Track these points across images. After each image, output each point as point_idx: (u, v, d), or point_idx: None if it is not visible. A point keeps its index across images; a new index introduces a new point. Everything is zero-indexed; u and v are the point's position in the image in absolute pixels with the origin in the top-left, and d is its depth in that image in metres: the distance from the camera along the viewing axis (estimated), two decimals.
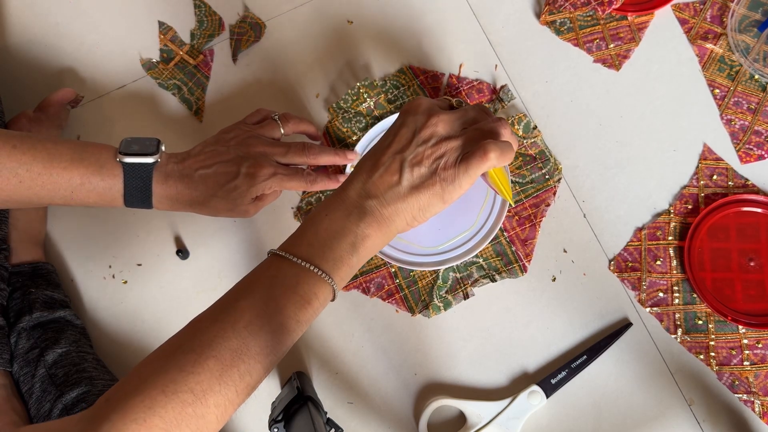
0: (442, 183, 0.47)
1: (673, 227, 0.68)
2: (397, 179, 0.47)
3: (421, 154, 0.48)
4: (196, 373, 0.40)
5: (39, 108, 0.71)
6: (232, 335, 0.42)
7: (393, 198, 0.47)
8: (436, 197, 0.47)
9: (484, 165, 0.47)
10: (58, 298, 0.67)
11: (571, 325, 0.67)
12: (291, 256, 0.45)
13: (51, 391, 0.61)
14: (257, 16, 0.76)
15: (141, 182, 0.56)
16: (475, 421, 0.63)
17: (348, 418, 0.66)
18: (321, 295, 0.46)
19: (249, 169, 0.59)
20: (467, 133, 0.49)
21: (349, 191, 0.48)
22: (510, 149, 0.48)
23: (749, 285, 0.66)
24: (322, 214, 0.48)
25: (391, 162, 0.48)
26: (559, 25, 0.73)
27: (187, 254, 0.70)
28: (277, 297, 0.44)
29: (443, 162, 0.47)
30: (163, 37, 0.76)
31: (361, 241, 0.47)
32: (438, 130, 0.49)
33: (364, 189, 0.48)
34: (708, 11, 0.72)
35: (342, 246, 0.46)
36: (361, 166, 0.49)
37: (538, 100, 0.72)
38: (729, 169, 0.68)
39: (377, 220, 0.47)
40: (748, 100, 0.70)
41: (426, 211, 0.48)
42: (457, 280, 0.68)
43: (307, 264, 0.45)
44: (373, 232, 0.47)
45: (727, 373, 0.64)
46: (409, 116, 0.50)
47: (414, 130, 0.49)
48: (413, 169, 0.47)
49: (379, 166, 0.48)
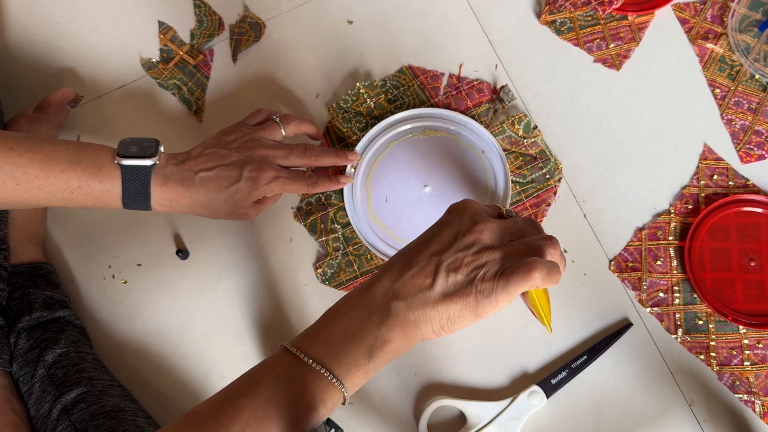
0: (478, 295, 0.43)
1: (673, 227, 0.68)
2: (430, 283, 0.44)
3: (461, 260, 0.44)
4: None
5: (38, 108, 0.71)
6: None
7: (422, 302, 0.43)
8: (468, 309, 0.44)
9: (526, 284, 0.43)
10: (57, 298, 0.66)
11: (571, 325, 0.66)
12: (302, 355, 0.42)
13: (50, 392, 0.61)
14: (257, 15, 0.76)
15: (139, 185, 0.55)
16: (475, 421, 0.63)
17: (348, 418, 0.66)
18: (329, 401, 0.43)
19: (251, 172, 0.58)
20: (513, 246, 0.45)
21: (375, 288, 0.45)
22: (557, 271, 0.44)
23: (750, 285, 0.65)
24: (343, 311, 0.44)
25: (427, 263, 0.44)
26: (559, 24, 0.73)
27: (187, 254, 0.70)
28: (280, 400, 0.41)
29: (482, 273, 0.44)
30: (162, 36, 0.76)
31: (380, 346, 0.43)
32: (483, 237, 0.45)
33: (392, 288, 0.44)
34: (708, 11, 0.72)
35: (359, 349, 0.43)
36: (394, 263, 0.46)
37: (538, 99, 0.72)
38: (729, 169, 0.68)
39: (401, 324, 0.43)
40: (749, 99, 0.70)
41: (455, 322, 0.44)
42: None
43: (318, 366, 0.42)
44: (395, 337, 0.44)
45: (727, 373, 0.64)
46: (455, 217, 0.47)
47: (457, 233, 0.45)
48: (449, 274, 0.44)
49: (413, 266, 0.44)
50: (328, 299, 0.68)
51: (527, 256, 0.44)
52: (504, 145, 0.70)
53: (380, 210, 0.69)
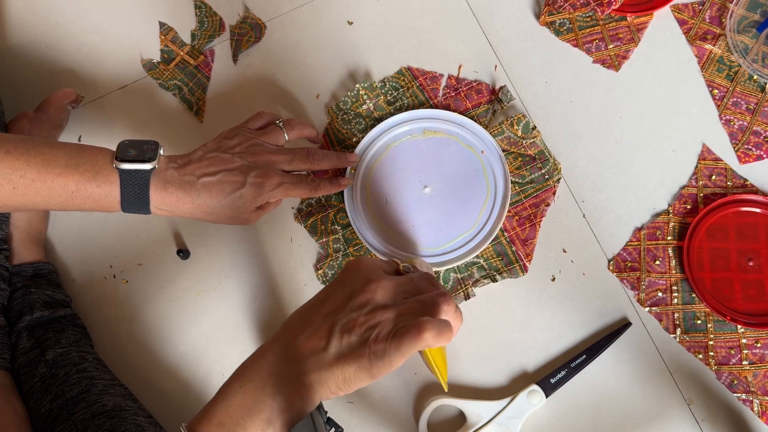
0: (371, 356, 0.42)
1: (672, 227, 0.68)
2: (325, 344, 0.43)
3: (354, 320, 0.43)
4: None
5: (39, 108, 0.71)
6: None
7: (317, 365, 0.43)
8: (362, 371, 0.42)
9: (417, 344, 0.42)
10: (58, 298, 0.67)
11: (570, 324, 0.67)
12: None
13: (51, 391, 0.61)
14: (257, 16, 0.76)
15: (138, 189, 0.54)
16: (474, 420, 0.64)
17: (348, 417, 0.66)
18: None
19: (255, 178, 0.57)
20: (406, 305, 0.44)
21: (267, 355, 0.44)
22: (449, 330, 0.42)
23: (748, 285, 0.66)
24: (236, 385, 0.43)
25: (321, 324, 0.44)
26: (558, 25, 0.73)
27: (187, 254, 0.70)
28: None
29: (375, 333, 0.42)
30: (163, 37, 0.76)
31: (278, 416, 0.42)
32: (376, 296, 0.44)
33: (285, 352, 0.44)
34: (707, 12, 0.72)
35: (256, 424, 0.42)
36: (288, 324, 0.45)
37: (537, 100, 0.72)
38: (728, 170, 0.69)
39: (297, 390, 0.43)
40: (747, 100, 0.70)
41: (351, 383, 0.43)
42: (458, 280, 0.68)
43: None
44: (292, 405, 0.43)
45: (725, 372, 0.65)
46: (349, 276, 0.46)
47: (351, 293, 0.45)
48: (343, 336, 0.43)
49: (307, 327, 0.44)
50: None
51: (420, 315, 0.43)
52: (503, 145, 0.70)
53: (380, 211, 0.69)
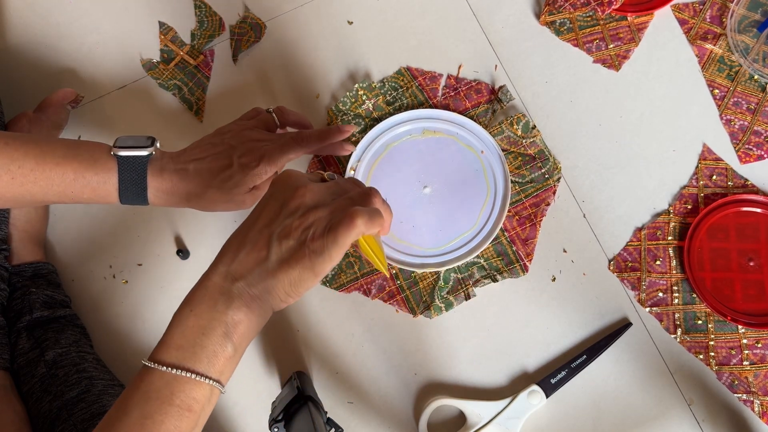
0: (312, 255, 0.44)
1: (672, 227, 0.68)
2: (265, 255, 0.44)
3: (289, 225, 0.45)
4: None
5: (39, 108, 0.71)
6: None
7: (261, 276, 0.44)
8: (306, 270, 0.44)
9: (351, 232, 0.44)
10: (58, 298, 0.67)
11: (570, 324, 0.67)
12: (159, 366, 0.42)
13: (51, 391, 0.61)
14: (257, 16, 0.76)
15: (136, 175, 0.55)
16: (475, 420, 0.63)
17: (348, 418, 0.66)
18: (202, 398, 0.43)
19: (241, 159, 0.58)
20: (336, 202, 0.47)
21: (213, 277, 0.45)
22: (378, 215, 0.45)
23: (749, 285, 0.66)
24: (187, 309, 0.44)
25: (259, 237, 0.45)
26: (558, 25, 0.73)
27: (187, 254, 0.70)
28: (152, 413, 0.41)
29: (311, 233, 0.44)
30: (163, 37, 0.76)
31: (233, 329, 0.44)
32: (305, 200, 0.46)
33: (229, 271, 0.45)
34: (707, 12, 0.72)
35: (213, 339, 0.43)
36: (227, 247, 0.46)
37: (537, 100, 0.72)
38: (728, 169, 0.69)
39: (246, 303, 0.44)
40: (748, 100, 0.70)
41: (298, 286, 0.45)
42: (459, 280, 0.68)
43: (177, 371, 0.42)
44: (245, 317, 0.44)
45: (726, 372, 0.64)
46: (277, 188, 0.47)
47: (282, 202, 0.46)
48: (281, 242, 0.44)
49: (246, 244, 0.45)
50: (328, 299, 0.69)
51: (350, 208, 0.45)
52: (503, 145, 0.70)
53: None
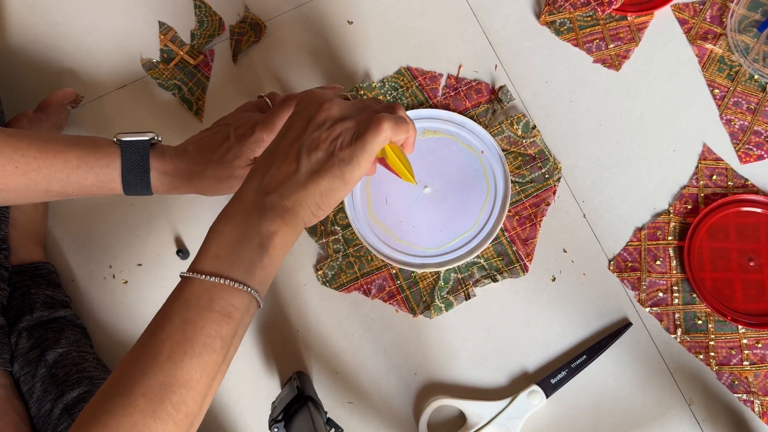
0: (341, 164, 0.46)
1: (672, 227, 0.68)
2: (295, 167, 0.46)
3: (318, 138, 0.47)
4: (127, 415, 0.39)
5: (39, 108, 0.71)
6: (156, 369, 0.40)
7: (292, 188, 0.46)
8: (336, 180, 0.46)
9: (379, 137, 0.46)
10: (58, 298, 0.67)
11: (570, 324, 0.67)
12: (198, 275, 0.43)
13: (52, 391, 0.61)
14: (257, 16, 0.76)
15: (138, 156, 0.56)
16: (475, 420, 0.63)
17: (348, 418, 0.66)
18: (241, 305, 0.44)
19: (237, 130, 0.59)
20: (361, 114, 0.48)
21: (246, 192, 0.46)
22: (404, 122, 0.48)
23: (749, 285, 0.66)
24: (222, 222, 0.46)
25: (288, 151, 0.47)
26: (558, 25, 0.73)
27: (187, 254, 0.70)
28: (193, 319, 0.42)
29: (339, 142, 0.46)
30: (163, 37, 0.76)
31: (268, 240, 0.45)
32: (332, 113, 0.48)
33: (261, 185, 0.46)
34: (707, 11, 0.72)
35: (250, 250, 0.44)
36: (259, 164, 0.48)
37: (537, 100, 0.72)
38: (729, 169, 0.68)
39: (280, 215, 0.45)
40: (748, 100, 0.70)
41: (329, 196, 0.46)
42: (459, 280, 0.68)
43: (216, 278, 0.43)
44: (279, 228, 0.45)
45: (726, 372, 0.64)
46: (303, 105, 0.49)
47: (308, 117, 0.48)
48: (311, 154, 0.46)
49: (276, 158, 0.47)
50: (328, 299, 0.69)
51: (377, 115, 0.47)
52: (503, 145, 0.70)
53: (380, 211, 0.69)
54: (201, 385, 0.41)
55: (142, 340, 0.43)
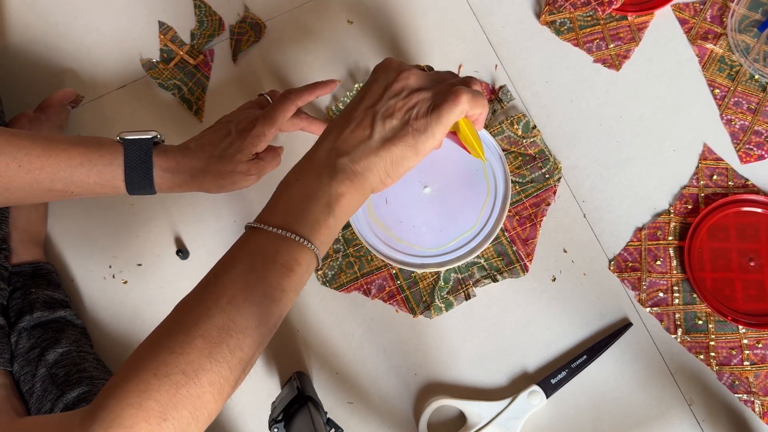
0: (415, 133, 0.46)
1: (673, 227, 0.68)
2: (369, 133, 0.47)
3: (393, 106, 0.47)
4: (185, 353, 0.40)
5: (39, 108, 0.71)
6: (216, 312, 0.41)
7: (364, 152, 0.46)
8: (408, 149, 0.47)
9: (455, 109, 0.47)
10: (58, 298, 0.67)
11: (570, 325, 0.67)
12: (266, 226, 0.44)
13: (52, 391, 0.61)
14: (257, 16, 0.76)
15: (141, 153, 0.56)
16: (475, 421, 0.63)
17: (348, 418, 0.66)
18: (303, 261, 0.45)
19: (239, 125, 0.60)
20: (438, 87, 0.49)
21: (319, 152, 0.47)
22: (481, 96, 0.48)
23: (749, 285, 0.66)
24: (293, 179, 0.47)
25: (363, 117, 0.47)
26: (559, 25, 0.73)
27: (187, 254, 0.70)
28: (257, 268, 0.43)
29: (415, 112, 0.47)
30: (163, 37, 0.76)
31: (335, 201, 0.46)
32: (409, 82, 0.48)
33: (334, 147, 0.47)
34: (708, 11, 0.72)
35: (317, 208, 0.45)
36: (333, 126, 0.48)
37: (537, 100, 0.72)
38: (729, 169, 0.68)
39: (349, 177, 0.46)
40: (748, 100, 0.70)
41: (399, 165, 0.47)
42: (459, 280, 0.68)
43: (283, 231, 0.44)
44: (347, 190, 0.46)
45: (727, 373, 0.64)
46: (380, 73, 0.50)
47: (385, 85, 0.48)
48: (385, 121, 0.47)
49: (351, 122, 0.47)
50: (328, 299, 0.68)
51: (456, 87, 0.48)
52: (503, 145, 0.70)
53: (380, 211, 0.69)
54: (258, 332, 0.42)
55: (203, 283, 0.44)
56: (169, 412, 0.38)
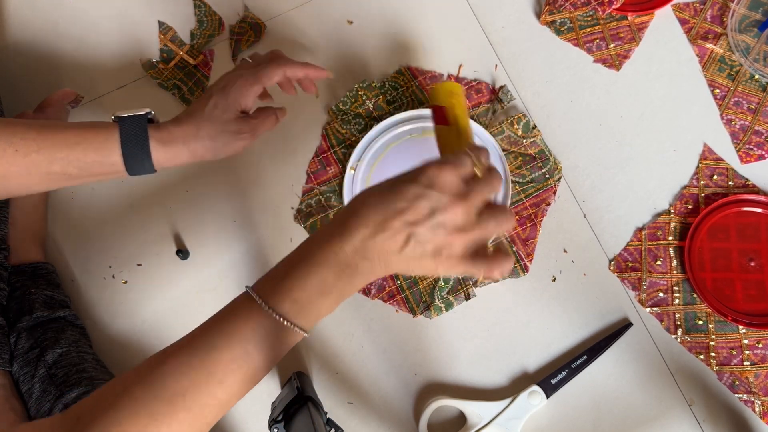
0: (439, 265, 0.47)
1: (673, 227, 0.68)
2: (400, 248, 0.46)
3: (432, 238, 0.46)
4: (166, 423, 0.42)
5: (39, 108, 0.71)
6: (205, 390, 0.44)
7: (386, 263, 0.47)
8: (427, 270, 0.48)
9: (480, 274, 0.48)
10: (58, 298, 0.67)
11: (571, 325, 0.67)
12: (274, 314, 0.45)
13: (51, 391, 0.61)
14: (257, 16, 0.76)
15: (137, 128, 0.57)
16: (475, 421, 0.63)
17: (348, 418, 0.66)
18: (293, 342, 0.47)
19: (219, 84, 0.60)
20: (477, 229, 0.48)
21: (346, 247, 0.46)
22: (509, 259, 0.49)
23: (749, 285, 0.66)
24: (315, 266, 0.46)
25: (400, 230, 0.46)
26: (559, 25, 0.73)
27: (187, 254, 0.70)
28: (253, 353, 0.45)
29: (448, 251, 0.47)
30: (163, 37, 0.76)
31: (344, 297, 0.47)
32: (457, 219, 0.47)
33: (363, 247, 0.46)
34: (708, 11, 0.72)
35: (325, 304, 0.46)
36: (366, 217, 0.46)
37: (538, 100, 0.72)
38: (729, 169, 0.68)
39: (366, 280, 0.47)
40: (749, 100, 0.70)
41: (411, 272, 0.48)
42: (459, 280, 0.68)
43: (288, 323, 0.45)
44: (355, 289, 0.48)
45: (727, 373, 0.64)
46: (434, 189, 0.47)
47: (433, 209, 0.46)
48: (416, 247, 0.46)
49: (386, 230, 0.46)
50: None
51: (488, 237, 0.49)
52: (503, 145, 0.70)
53: None
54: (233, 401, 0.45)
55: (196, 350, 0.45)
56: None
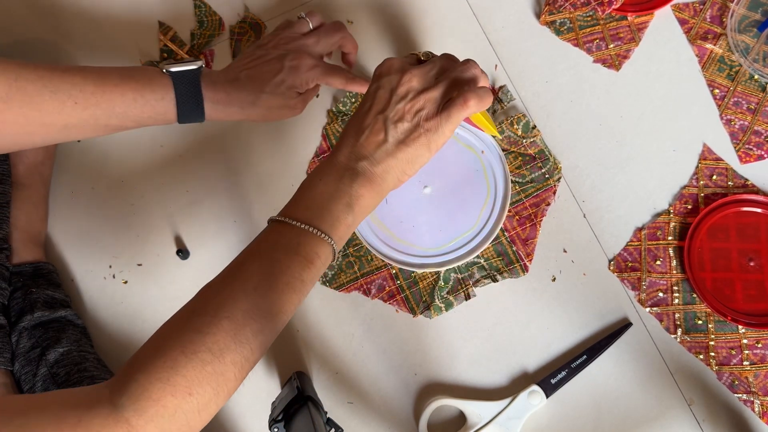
0: (427, 133, 0.50)
1: (672, 227, 0.68)
2: (383, 138, 0.50)
3: (402, 110, 0.50)
4: (212, 333, 0.42)
5: None
6: (242, 296, 0.44)
7: (382, 156, 0.50)
8: (422, 147, 0.50)
9: (464, 112, 0.50)
10: (58, 297, 0.67)
11: (570, 325, 0.67)
12: (291, 220, 0.48)
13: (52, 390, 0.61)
14: (257, 16, 0.76)
15: (191, 88, 0.58)
16: (475, 421, 0.63)
17: (348, 418, 0.66)
18: (322, 254, 0.48)
19: (291, 62, 0.61)
20: (443, 84, 0.51)
21: (338, 156, 0.50)
22: (487, 94, 0.51)
23: (749, 285, 0.66)
24: (316, 179, 0.50)
25: (374, 123, 0.50)
26: (559, 25, 0.73)
27: (187, 254, 0.70)
28: (281, 259, 0.46)
29: (424, 114, 0.50)
30: (163, 37, 0.76)
31: (355, 201, 0.49)
32: (413, 85, 0.51)
33: (353, 152, 0.50)
34: (708, 11, 0.72)
35: (338, 207, 0.48)
36: (347, 132, 0.51)
37: (537, 100, 0.72)
38: (729, 169, 0.68)
39: (369, 180, 0.49)
40: (748, 100, 0.70)
41: (414, 163, 0.50)
42: (459, 280, 0.68)
43: (306, 226, 0.47)
44: (366, 192, 0.50)
45: (726, 372, 0.64)
46: (383, 78, 0.52)
47: (390, 90, 0.51)
48: (397, 125, 0.50)
49: (364, 129, 0.50)
50: (328, 299, 0.69)
51: (458, 88, 0.51)
52: (503, 145, 0.70)
53: (380, 211, 0.69)
54: (278, 319, 0.46)
55: (229, 270, 0.47)
56: (195, 387, 0.41)
